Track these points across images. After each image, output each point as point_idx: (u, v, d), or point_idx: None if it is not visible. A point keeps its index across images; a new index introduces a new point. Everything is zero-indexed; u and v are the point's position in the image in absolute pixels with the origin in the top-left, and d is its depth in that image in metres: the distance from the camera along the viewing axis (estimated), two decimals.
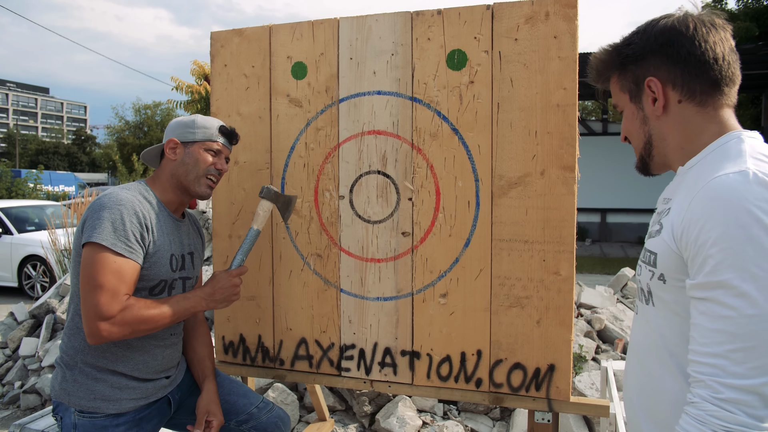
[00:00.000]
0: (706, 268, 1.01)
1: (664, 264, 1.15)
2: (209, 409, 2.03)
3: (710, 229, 1.01)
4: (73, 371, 1.85)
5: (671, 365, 1.15)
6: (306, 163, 2.27)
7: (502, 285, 2.03)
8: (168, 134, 2.00)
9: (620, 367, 2.88)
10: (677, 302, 1.13)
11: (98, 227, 1.73)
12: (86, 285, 1.72)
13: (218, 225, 2.41)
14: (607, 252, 15.13)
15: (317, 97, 2.24)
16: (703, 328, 1.02)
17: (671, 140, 1.24)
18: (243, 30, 2.34)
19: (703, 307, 1.02)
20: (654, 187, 11.76)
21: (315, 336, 2.30)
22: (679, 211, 1.12)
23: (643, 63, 1.24)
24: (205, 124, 1.99)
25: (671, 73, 1.20)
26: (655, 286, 1.19)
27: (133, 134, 40.07)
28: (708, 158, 1.16)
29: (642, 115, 1.28)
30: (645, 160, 1.32)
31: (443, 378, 2.14)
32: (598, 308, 4.72)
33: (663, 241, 1.15)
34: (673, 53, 1.19)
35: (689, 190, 1.12)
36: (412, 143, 2.12)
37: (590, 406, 2.00)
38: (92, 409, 1.83)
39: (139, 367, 1.90)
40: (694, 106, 1.20)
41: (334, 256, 2.25)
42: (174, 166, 1.97)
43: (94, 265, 1.71)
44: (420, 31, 2.07)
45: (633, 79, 1.27)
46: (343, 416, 3.69)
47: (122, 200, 1.79)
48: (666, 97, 1.22)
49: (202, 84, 10.72)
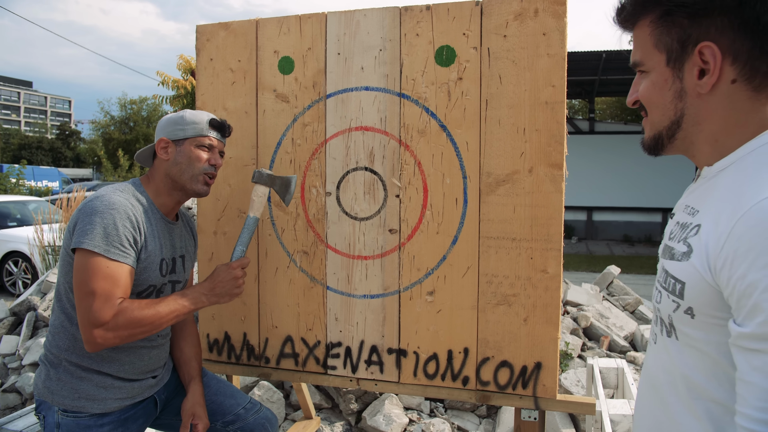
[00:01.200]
0: (760, 315, 0.79)
1: (694, 297, 0.93)
2: (194, 412, 1.99)
3: (764, 267, 0.79)
4: (57, 370, 1.81)
5: (695, 408, 0.96)
6: (292, 159, 2.24)
7: (490, 283, 2.02)
8: (158, 133, 1.95)
9: (606, 365, 2.89)
10: (708, 341, 0.92)
11: (90, 233, 1.68)
12: (79, 292, 1.68)
13: (203, 221, 2.38)
14: (593, 250, 15.24)
15: (304, 93, 2.21)
16: (758, 388, 0.80)
17: (707, 127, 0.99)
18: (229, 24, 2.31)
19: (757, 361, 0.81)
20: (640, 186, 11.96)
21: (301, 334, 2.28)
22: (715, 233, 0.89)
23: (703, 20, 0.93)
24: (195, 119, 1.94)
25: (738, 43, 0.92)
26: (680, 320, 0.97)
27: (119, 129, 39.65)
28: (746, 161, 0.93)
29: (678, 87, 0.99)
30: (662, 141, 1.06)
31: (430, 376, 2.13)
32: (584, 306, 4.74)
33: (694, 270, 0.92)
34: (751, 17, 0.90)
35: (726, 205, 0.90)
36: (399, 140, 2.10)
37: (577, 403, 2.00)
38: (76, 408, 1.79)
39: (125, 367, 1.86)
40: (748, 90, 0.94)
41: (320, 254, 2.23)
42: (167, 166, 1.91)
43: (86, 272, 1.67)
44: (408, 27, 2.06)
45: (679, 37, 0.96)
46: (329, 414, 3.68)
47: (115, 204, 1.74)
48: (720, 73, 0.94)
49: (189, 79, 10.63)
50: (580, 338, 4.36)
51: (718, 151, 0.99)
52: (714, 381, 0.92)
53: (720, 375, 0.92)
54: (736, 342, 0.84)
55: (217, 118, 1.99)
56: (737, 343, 0.84)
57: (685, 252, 0.95)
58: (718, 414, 0.93)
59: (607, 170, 15.32)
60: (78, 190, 7.35)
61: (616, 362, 2.91)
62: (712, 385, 0.93)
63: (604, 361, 2.93)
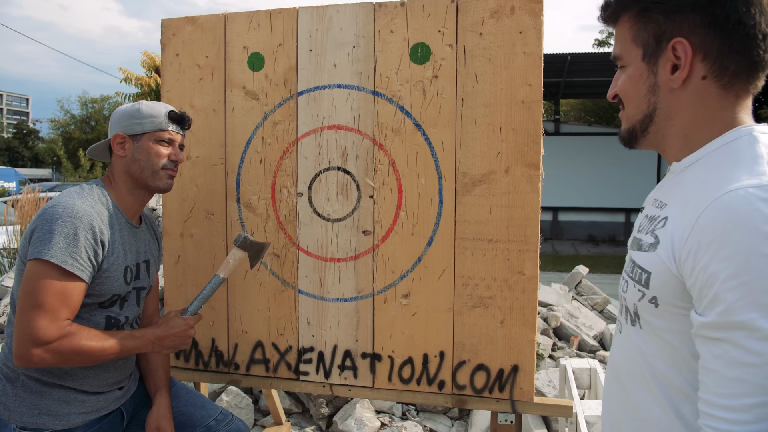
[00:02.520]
0: (720, 305, 0.83)
1: (659, 287, 0.96)
2: (159, 425, 1.89)
3: (725, 258, 0.83)
4: (14, 384, 1.69)
5: (658, 394, 0.99)
6: (263, 159, 2.17)
7: (466, 285, 1.99)
8: (113, 127, 1.83)
9: (579, 365, 2.89)
10: (671, 330, 0.96)
11: (48, 241, 1.57)
12: (25, 302, 1.56)
13: (169, 223, 2.29)
14: (558, 250, 15.43)
15: (275, 90, 2.14)
16: (718, 375, 0.84)
17: (678, 122, 1.03)
18: (196, 18, 2.23)
19: (718, 350, 0.84)
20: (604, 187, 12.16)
21: (272, 339, 2.21)
22: (680, 226, 0.92)
23: (676, 17, 0.97)
24: (152, 112, 1.83)
25: (708, 40, 0.95)
26: (645, 308, 1.00)
27: (80, 128, 38.66)
28: (712, 157, 0.97)
29: (652, 81, 1.03)
30: (635, 134, 1.09)
31: (405, 380, 2.08)
32: (554, 306, 4.77)
33: (660, 260, 0.95)
34: (720, 15, 0.94)
35: (692, 198, 0.93)
36: (373, 139, 2.05)
37: (554, 406, 1.98)
38: (36, 425, 1.67)
39: (89, 381, 1.75)
40: (717, 87, 0.98)
41: (291, 256, 2.17)
42: (125, 163, 1.81)
43: (38, 282, 1.56)
44: (382, 23, 2.01)
45: (655, 32, 1.00)
46: (299, 419, 3.60)
47: (77, 213, 1.62)
48: (691, 69, 0.98)
49: (153, 76, 10.39)
50: (551, 338, 4.38)
51: (688, 146, 1.02)
52: (674, 368, 0.96)
53: (680, 363, 0.96)
54: (698, 332, 0.88)
55: (176, 110, 1.89)
56: (699, 332, 0.87)
57: (652, 243, 0.99)
58: (678, 400, 0.97)
59: (572, 171, 15.51)
60: (30, 192, 7.07)
61: (589, 362, 2.91)
62: (672, 372, 0.97)
63: (577, 361, 2.94)
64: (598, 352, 4.26)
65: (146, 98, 10.45)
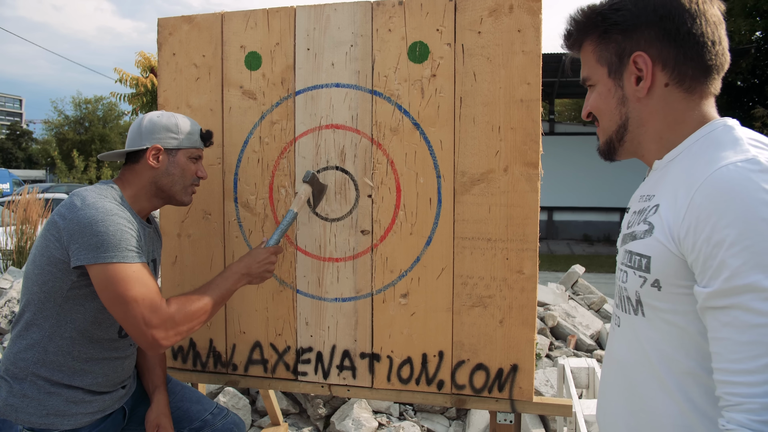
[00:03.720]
0: (724, 272, 0.86)
1: (660, 269, 0.99)
2: (159, 423, 1.91)
3: (725, 227, 0.86)
4: (22, 384, 1.68)
5: (669, 385, 1.00)
6: (260, 159, 2.16)
7: (465, 284, 1.98)
8: (147, 138, 1.82)
9: (578, 364, 2.89)
10: (675, 311, 0.98)
11: (101, 245, 1.60)
12: (119, 306, 1.61)
13: (167, 223, 2.28)
14: (554, 249, 15.45)
15: (272, 89, 2.13)
16: (730, 342, 0.86)
17: (650, 127, 1.11)
18: (193, 17, 2.21)
19: (726, 317, 0.86)
20: (599, 186, 12.20)
21: (270, 339, 2.20)
22: (674, 208, 0.97)
23: (633, 34, 1.08)
24: (189, 129, 1.88)
25: (664, 51, 1.05)
26: (648, 293, 1.03)
27: (74, 129, 38.50)
28: (692, 149, 1.04)
29: (620, 95, 1.12)
30: (613, 145, 1.17)
31: (404, 380, 2.08)
32: (551, 305, 4.77)
33: (658, 243, 0.99)
34: (671, 29, 1.04)
35: (681, 184, 0.98)
36: (371, 138, 2.04)
37: (553, 406, 1.98)
38: (44, 426, 1.67)
39: (98, 380, 1.77)
40: (681, 92, 1.07)
41: (290, 256, 2.16)
42: (156, 175, 1.82)
43: (117, 284, 1.60)
44: (380, 22, 2.00)
45: (616, 51, 1.10)
46: (297, 420, 3.59)
47: (112, 210, 1.66)
48: (653, 78, 1.07)
49: (149, 77, 10.36)
50: (548, 338, 4.38)
51: (665, 146, 1.09)
52: (682, 350, 0.98)
53: (688, 344, 0.97)
54: (705, 303, 0.90)
55: (202, 128, 1.95)
56: (706, 304, 0.90)
57: (647, 230, 1.03)
58: (686, 384, 0.98)
59: (567, 171, 15.52)
60: (29, 192, 7.04)
61: (587, 362, 2.91)
62: (680, 355, 0.98)
63: (575, 360, 2.94)
64: (595, 352, 4.26)
65: (141, 98, 10.41)
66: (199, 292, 1.76)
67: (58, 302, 1.68)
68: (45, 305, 1.69)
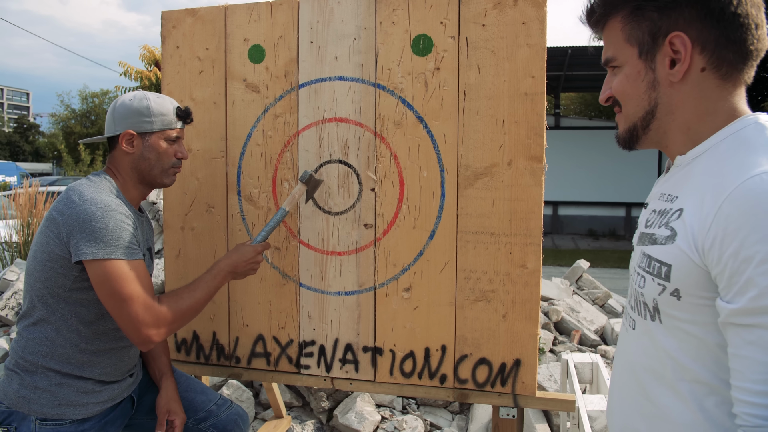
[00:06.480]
0: (752, 290, 0.82)
1: (681, 279, 0.94)
2: (170, 408, 1.94)
3: (756, 242, 0.81)
4: (33, 377, 1.70)
5: (680, 389, 0.97)
6: (263, 152, 2.16)
7: (468, 278, 1.98)
8: (119, 122, 1.80)
9: (581, 359, 2.88)
10: (694, 322, 0.95)
11: (100, 241, 1.62)
12: (113, 302, 1.63)
13: (170, 216, 2.28)
14: (558, 244, 15.42)
15: (275, 83, 2.13)
16: (753, 361, 0.83)
17: (680, 116, 1.03)
18: (196, 10, 2.21)
19: (751, 335, 0.83)
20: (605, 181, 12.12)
21: (273, 332, 2.20)
22: (700, 215, 0.91)
23: (671, 12, 0.98)
24: (161, 109, 1.83)
25: (705, 32, 0.97)
26: (666, 302, 0.98)
27: (80, 123, 38.65)
28: (720, 148, 0.97)
29: (651, 78, 1.03)
30: (636, 132, 1.08)
31: (406, 374, 2.08)
32: (555, 300, 4.75)
33: (680, 252, 0.93)
34: (716, 8, 0.95)
35: (708, 187, 0.92)
36: (375, 131, 2.04)
37: (556, 401, 1.97)
38: (56, 416, 1.69)
39: (107, 370, 1.79)
40: (716, 78, 0.99)
41: (292, 249, 2.16)
42: (133, 160, 1.82)
43: (114, 281, 1.62)
44: (384, 15, 1.99)
45: (650, 29, 1.01)
46: (300, 413, 3.60)
47: (110, 205, 1.67)
48: (690, 61, 0.99)
49: (153, 70, 10.36)
50: (552, 333, 4.37)
51: (691, 139, 1.02)
52: (698, 361, 0.95)
53: (705, 355, 0.94)
54: (728, 319, 0.86)
55: (181, 106, 1.90)
56: (729, 320, 0.86)
57: (669, 235, 0.97)
58: (701, 393, 0.95)
59: (573, 165, 15.48)
60: (32, 185, 7.06)
61: (591, 357, 2.90)
62: (696, 366, 0.95)
63: (579, 356, 2.93)
64: (599, 347, 4.25)
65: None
66: (189, 290, 1.78)
67: (62, 297, 1.70)
68: (50, 301, 1.70)
